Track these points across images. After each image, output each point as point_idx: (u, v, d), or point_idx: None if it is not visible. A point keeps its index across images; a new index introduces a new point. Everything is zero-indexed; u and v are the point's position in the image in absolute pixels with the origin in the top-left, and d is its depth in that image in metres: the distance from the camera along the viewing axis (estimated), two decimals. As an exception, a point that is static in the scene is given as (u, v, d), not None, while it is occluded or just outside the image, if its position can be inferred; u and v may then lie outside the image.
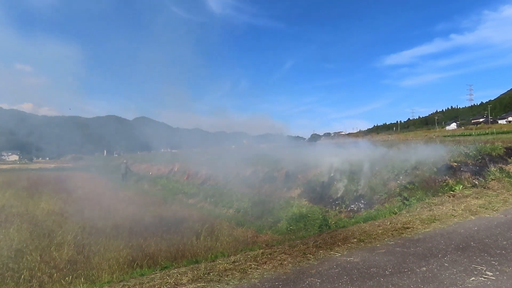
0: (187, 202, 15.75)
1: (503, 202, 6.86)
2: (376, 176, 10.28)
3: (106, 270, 6.07)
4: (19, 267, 6.18)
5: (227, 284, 3.35)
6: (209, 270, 3.79)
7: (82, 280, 5.40)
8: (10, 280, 5.68)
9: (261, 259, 4.15)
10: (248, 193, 13.89)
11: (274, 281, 3.37)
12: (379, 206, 8.72)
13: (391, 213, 7.16)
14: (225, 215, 12.54)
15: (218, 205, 14.10)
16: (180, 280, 3.51)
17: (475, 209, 6.26)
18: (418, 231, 5.06)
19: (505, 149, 10.71)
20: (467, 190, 7.86)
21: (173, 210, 13.00)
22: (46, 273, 6.00)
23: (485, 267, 3.50)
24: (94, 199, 14.97)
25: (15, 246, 7.32)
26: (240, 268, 3.82)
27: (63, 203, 13.65)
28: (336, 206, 10.30)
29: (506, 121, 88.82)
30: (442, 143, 13.07)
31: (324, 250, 4.39)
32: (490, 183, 8.43)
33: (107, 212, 11.81)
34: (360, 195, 10.08)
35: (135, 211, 12.27)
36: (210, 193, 15.93)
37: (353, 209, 9.67)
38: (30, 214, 11.09)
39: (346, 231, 5.40)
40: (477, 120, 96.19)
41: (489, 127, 57.87)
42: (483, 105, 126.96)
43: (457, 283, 3.13)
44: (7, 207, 12.40)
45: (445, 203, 6.99)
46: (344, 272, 3.53)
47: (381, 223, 5.83)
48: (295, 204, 11.50)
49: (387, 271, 3.50)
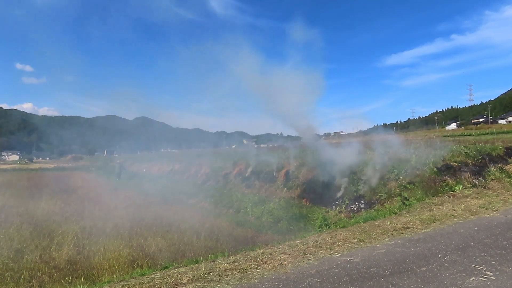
0: (187, 202, 15.76)
1: (503, 202, 6.86)
2: (376, 176, 10.28)
3: (106, 270, 6.08)
4: (19, 267, 6.18)
5: (227, 284, 3.35)
6: (209, 270, 3.79)
7: (82, 280, 5.40)
8: (10, 280, 5.68)
9: (261, 259, 4.15)
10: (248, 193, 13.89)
11: (274, 281, 3.37)
12: (379, 206, 8.73)
13: (391, 213, 7.16)
14: (225, 215, 12.55)
15: (218, 205, 14.11)
16: (180, 280, 3.51)
17: (475, 209, 6.26)
18: (418, 231, 5.06)
19: (505, 149, 10.71)
20: (467, 190, 7.86)
21: (173, 210, 13.00)
22: (46, 273, 6.00)
23: (485, 267, 3.50)
24: (94, 199, 14.97)
25: (15, 246, 7.33)
26: (240, 268, 3.82)
27: (63, 203, 13.66)
28: (336, 206, 10.31)
29: (506, 121, 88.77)
30: (442, 143, 13.07)
31: (324, 250, 4.39)
32: (490, 183, 8.43)
33: (107, 212, 11.82)
34: (360, 195, 10.09)
35: (135, 211, 12.27)
36: (210, 193, 15.95)
37: (353, 209, 9.67)
38: (30, 214, 11.10)
39: (346, 231, 5.40)
40: (477, 120, 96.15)
41: (489, 127, 57.88)
42: (483, 105, 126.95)
43: (457, 283, 3.13)
44: (7, 207, 12.42)
45: (445, 203, 6.99)
46: (344, 272, 3.53)
47: (381, 223, 5.83)
48: (295, 204, 11.51)
49: (387, 271, 3.50)
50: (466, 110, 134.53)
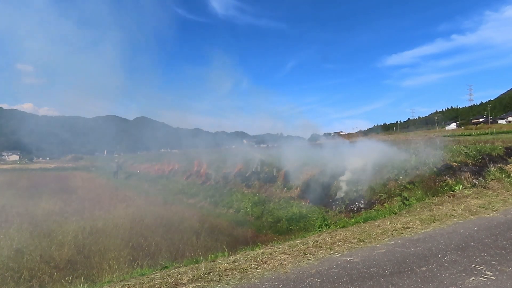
0: (187, 202, 15.76)
1: (503, 202, 6.86)
2: (376, 176, 10.28)
3: (106, 270, 6.08)
4: (19, 267, 6.18)
5: (227, 284, 3.35)
6: (209, 270, 3.79)
7: (82, 280, 5.39)
8: (10, 280, 5.68)
9: (261, 259, 4.15)
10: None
11: (274, 281, 3.37)
12: (379, 206, 8.73)
13: (391, 213, 7.16)
14: (225, 215, 12.55)
15: (218, 205, 14.11)
16: (180, 280, 3.51)
17: (475, 209, 6.26)
18: (418, 231, 5.06)
19: (505, 149, 10.71)
20: (467, 190, 7.86)
21: (173, 210, 13.00)
22: (46, 273, 6.00)
23: (485, 267, 3.50)
24: (94, 199, 14.98)
25: (15, 246, 7.33)
26: (240, 268, 3.82)
27: (63, 203, 13.67)
28: (336, 206, 10.30)
29: (506, 121, 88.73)
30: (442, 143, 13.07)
31: (324, 250, 4.39)
32: (490, 183, 8.44)
33: (107, 212, 11.82)
34: (360, 195, 10.09)
35: (135, 211, 12.27)
36: (210, 193, 15.95)
37: (353, 209, 9.67)
38: (30, 214, 11.11)
39: (346, 231, 5.40)
40: (477, 120, 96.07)
41: (489, 127, 57.78)
42: (483, 105, 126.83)
43: (457, 283, 3.13)
44: (7, 207, 12.43)
45: (445, 203, 6.99)
46: (344, 272, 3.53)
47: (381, 223, 5.83)
48: (295, 204, 11.51)
49: (387, 271, 3.50)
50: (466, 110, 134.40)
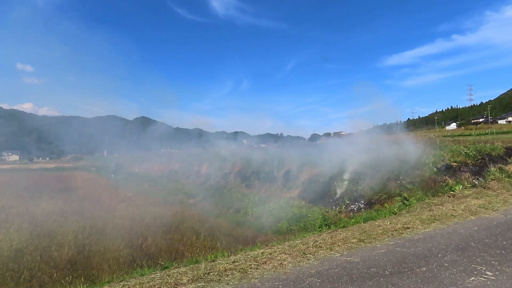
0: (187, 202, 15.76)
1: (503, 202, 6.86)
2: (376, 176, 10.28)
3: (106, 270, 6.09)
4: (19, 267, 6.19)
5: (227, 284, 3.35)
6: (209, 270, 3.79)
7: (82, 280, 5.40)
8: (10, 280, 5.68)
9: (261, 259, 4.15)
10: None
11: (274, 281, 3.37)
12: (379, 206, 8.73)
13: (391, 213, 7.16)
14: (225, 215, 12.55)
15: (218, 205, 14.11)
16: (180, 280, 3.51)
17: (475, 209, 6.26)
18: (418, 231, 5.06)
19: (505, 149, 10.71)
20: (467, 190, 7.86)
21: (173, 210, 13.00)
22: (46, 273, 6.01)
23: (485, 267, 3.50)
24: (94, 199, 14.98)
25: (15, 246, 7.33)
26: (240, 268, 3.82)
27: (63, 203, 13.67)
28: (336, 206, 10.30)
29: (506, 121, 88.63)
30: (442, 143, 13.08)
31: (324, 250, 4.39)
32: (490, 183, 8.43)
33: (107, 212, 11.82)
34: (360, 195, 10.09)
35: (135, 211, 12.27)
36: (210, 193, 15.95)
37: (353, 209, 9.67)
38: (30, 214, 11.11)
39: (346, 231, 5.40)
40: (477, 120, 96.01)
41: (489, 127, 57.77)
42: (483, 105, 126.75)
43: (457, 283, 3.13)
44: (7, 207, 12.42)
45: (445, 203, 6.99)
46: (344, 272, 3.53)
47: (381, 223, 5.83)
48: (295, 204, 11.51)
49: (387, 271, 3.50)
50: (466, 110, 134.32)
